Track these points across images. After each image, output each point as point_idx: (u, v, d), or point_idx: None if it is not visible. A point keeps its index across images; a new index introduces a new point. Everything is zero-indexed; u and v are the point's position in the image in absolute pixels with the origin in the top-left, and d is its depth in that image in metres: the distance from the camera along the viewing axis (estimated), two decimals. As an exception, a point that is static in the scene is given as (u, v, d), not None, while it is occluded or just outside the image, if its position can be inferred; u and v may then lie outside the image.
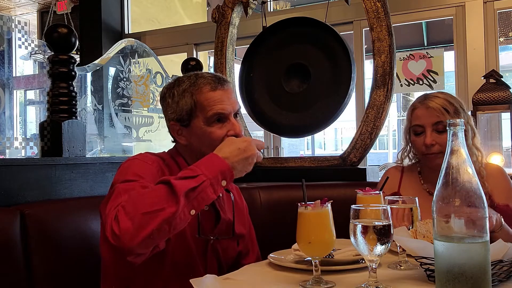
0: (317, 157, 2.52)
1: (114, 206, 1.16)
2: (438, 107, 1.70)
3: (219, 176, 1.20)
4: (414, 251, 1.15)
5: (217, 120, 1.40)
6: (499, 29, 3.82)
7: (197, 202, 1.17)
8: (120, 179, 1.29)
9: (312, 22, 2.51)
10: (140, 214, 1.11)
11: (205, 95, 1.40)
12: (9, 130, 2.03)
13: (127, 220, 1.10)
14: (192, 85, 1.42)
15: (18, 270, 1.40)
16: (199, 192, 1.16)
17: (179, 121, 1.43)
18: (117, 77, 3.04)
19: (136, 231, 1.09)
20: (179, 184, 1.15)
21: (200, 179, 1.17)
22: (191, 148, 1.44)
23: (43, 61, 2.87)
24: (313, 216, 1.15)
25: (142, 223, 1.10)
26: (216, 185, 1.19)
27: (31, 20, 7.71)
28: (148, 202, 1.13)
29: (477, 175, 0.96)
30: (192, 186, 1.15)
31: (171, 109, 1.44)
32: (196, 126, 1.41)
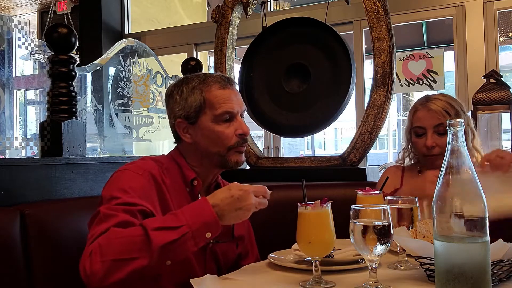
0: (317, 157, 2.52)
1: (93, 238, 1.15)
2: (439, 110, 1.71)
3: (202, 229, 1.14)
4: (414, 251, 1.15)
5: (225, 119, 1.40)
6: (499, 29, 3.82)
7: (174, 255, 1.12)
8: (107, 196, 1.26)
9: (312, 22, 2.51)
10: (110, 260, 1.09)
11: (215, 92, 1.40)
12: (9, 130, 2.03)
13: (98, 262, 1.09)
14: (202, 83, 1.42)
15: (18, 270, 1.40)
16: (179, 245, 1.12)
17: (187, 118, 1.41)
18: (117, 77, 3.04)
19: (104, 276, 1.08)
20: (157, 236, 1.10)
21: (182, 231, 1.12)
22: (196, 147, 1.43)
23: (43, 61, 2.88)
24: (313, 216, 1.15)
25: (111, 269, 1.09)
26: (198, 238, 1.13)
27: (31, 20, 7.71)
28: (122, 248, 1.10)
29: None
30: (171, 239, 1.10)
31: (178, 106, 1.42)
32: (204, 124, 1.40)
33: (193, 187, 1.43)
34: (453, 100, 1.75)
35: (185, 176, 1.42)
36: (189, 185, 1.43)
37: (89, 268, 1.09)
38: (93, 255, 1.10)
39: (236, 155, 1.43)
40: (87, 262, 1.10)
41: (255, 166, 2.58)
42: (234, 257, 1.52)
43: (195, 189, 1.43)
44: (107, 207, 1.22)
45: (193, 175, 1.43)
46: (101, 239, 1.13)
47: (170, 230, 1.11)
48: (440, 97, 1.77)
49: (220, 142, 1.39)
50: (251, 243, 1.63)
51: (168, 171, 1.41)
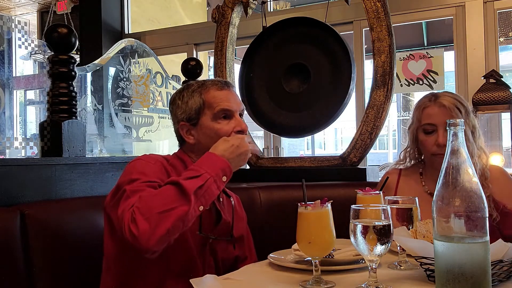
0: (317, 157, 2.51)
1: (128, 208, 1.23)
2: (452, 106, 1.67)
3: (220, 173, 1.30)
4: (414, 251, 1.15)
5: (224, 117, 1.49)
6: (499, 29, 3.82)
7: (204, 199, 1.26)
8: (126, 180, 1.34)
9: (312, 22, 2.51)
10: (155, 214, 1.19)
11: (212, 93, 1.50)
12: (9, 130, 2.03)
13: (143, 221, 1.18)
14: (201, 86, 1.52)
15: (18, 270, 1.40)
16: (206, 189, 1.26)
17: (188, 120, 1.50)
18: (117, 77, 3.04)
19: (153, 230, 1.17)
20: (188, 184, 1.24)
21: (204, 177, 1.27)
22: (199, 146, 1.50)
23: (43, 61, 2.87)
24: (313, 216, 1.15)
25: (158, 223, 1.18)
26: (218, 181, 1.30)
27: (31, 20, 7.71)
28: (161, 202, 1.21)
29: (481, 176, 0.96)
30: (199, 184, 1.25)
31: (180, 110, 1.52)
32: (204, 123, 1.49)
33: None
34: (461, 98, 1.73)
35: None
36: None
37: (137, 230, 1.17)
38: (136, 217, 1.19)
39: None
40: (132, 226, 1.18)
41: (255, 166, 2.58)
42: (232, 258, 1.55)
43: None
44: (131, 186, 1.31)
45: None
46: (137, 204, 1.22)
47: (195, 178, 1.26)
48: (449, 94, 1.73)
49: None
50: (250, 248, 1.65)
51: (173, 167, 1.48)
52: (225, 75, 2.65)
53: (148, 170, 1.38)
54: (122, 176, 1.39)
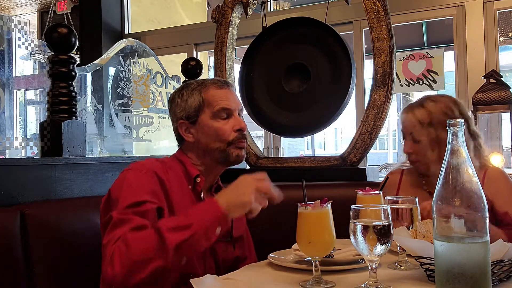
0: (317, 157, 2.51)
1: (111, 243, 1.20)
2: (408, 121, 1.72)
3: (213, 224, 1.21)
4: (414, 251, 1.15)
5: (223, 116, 1.48)
6: (499, 29, 3.82)
7: (189, 252, 1.20)
8: (116, 199, 1.30)
9: (312, 22, 2.51)
10: (132, 261, 1.15)
11: (212, 91, 1.50)
12: (9, 130, 2.03)
13: (120, 265, 1.15)
14: (200, 85, 1.52)
15: (18, 270, 1.40)
16: (192, 243, 1.19)
17: (188, 118, 1.50)
18: (117, 77, 3.04)
19: (128, 277, 1.15)
20: (171, 237, 1.17)
21: (193, 229, 1.18)
22: (198, 145, 1.50)
23: (43, 61, 2.88)
24: (313, 216, 1.15)
25: (132, 270, 1.15)
26: (210, 233, 1.20)
27: (31, 20, 7.71)
28: (140, 250, 1.17)
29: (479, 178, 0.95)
30: (184, 238, 1.17)
31: (179, 108, 1.51)
32: (203, 122, 1.48)
33: (196, 184, 1.48)
34: (435, 110, 1.70)
35: (188, 173, 1.48)
36: (192, 182, 1.48)
37: (111, 272, 1.15)
38: (114, 258, 1.16)
39: (236, 150, 1.49)
40: (109, 266, 1.16)
41: (255, 166, 2.58)
42: (232, 258, 1.54)
43: (198, 186, 1.48)
44: (118, 213, 1.27)
45: (196, 172, 1.49)
46: (119, 243, 1.19)
47: (182, 229, 1.18)
48: (425, 103, 1.72)
49: (219, 137, 1.47)
50: (249, 248, 1.65)
51: (171, 169, 1.46)
52: (225, 75, 2.65)
53: (138, 183, 1.34)
54: (113, 189, 1.35)
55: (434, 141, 1.67)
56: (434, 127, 1.67)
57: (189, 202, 1.44)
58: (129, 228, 1.22)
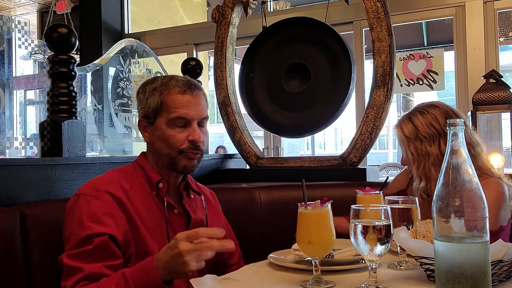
0: (317, 157, 2.52)
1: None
2: (399, 135, 1.75)
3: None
4: (414, 251, 1.15)
5: (180, 124, 1.41)
6: (499, 29, 3.82)
7: None
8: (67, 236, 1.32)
9: (312, 22, 2.51)
10: None
11: (172, 96, 1.41)
12: (9, 130, 2.03)
13: None
14: (164, 85, 1.44)
15: (18, 269, 1.40)
16: None
17: (146, 117, 1.45)
18: (117, 77, 3.04)
19: None
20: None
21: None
22: (152, 147, 1.46)
23: (43, 61, 2.88)
24: (313, 216, 1.15)
25: None
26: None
27: (31, 20, 7.71)
28: None
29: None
30: None
31: (141, 105, 1.46)
32: (159, 126, 1.42)
33: (159, 189, 1.44)
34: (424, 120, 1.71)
35: (150, 179, 1.44)
36: (155, 188, 1.44)
37: None
38: None
39: (185, 160, 1.42)
40: None
41: (255, 166, 2.58)
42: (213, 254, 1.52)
43: (161, 191, 1.44)
44: (68, 256, 1.28)
45: (158, 177, 1.44)
46: None
47: None
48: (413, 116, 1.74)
49: (171, 145, 1.41)
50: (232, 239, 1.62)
51: (133, 177, 1.43)
52: (225, 75, 2.65)
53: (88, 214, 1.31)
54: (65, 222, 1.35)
55: (421, 154, 1.69)
56: (421, 141, 1.68)
57: (155, 208, 1.42)
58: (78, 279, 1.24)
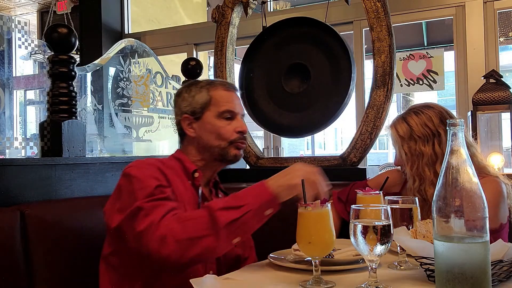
0: (317, 157, 2.51)
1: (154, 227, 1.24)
2: (394, 135, 1.76)
3: (263, 207, 1.26)
4: (414, 251, 1.15)
5: (227, 117, 1.54)
6: (499, 29, 3.82)
7: (241, 231, 1.26)
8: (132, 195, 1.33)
9: (312, 22, 2.51)
10: (184, 239, 1.22)
11: (220, 92, 1.56)
12: (9, 130, 2.03)
13: (173, 243, 1.21)
14: (209, 84, 1.59)
15: (18, 270, 1.40)
16: (242, 222, 1.24)
17: (192, 113, 1.55)
18: (117, 77, 3.04)
19: (181, 255, 1.22)
20: (222, 215, 1.23)
21: (243, 210, 1.24)
22: (198, 141, 1.55)
23: (43, 61, 2.88)
24: (313, 216, 1.15)
25: (186, 247, 1.22)
26: (261, 215, 1.26)
27: (31, 20, 7.71)
28: (192, 228, 1.23)
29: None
30: (235, 217, 1.23)
31: (186, 103, 1.56)
32: (207, 119, 1.53)
33: (194, 179, 1.53)
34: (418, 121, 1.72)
35: (186, 169, 1.52)
36: (191, 177, 1.53)
37: (165, 251, 1.21)
38: (167, 238, 1.21)
39: (235, 149, 1.55)
40: (162, 248, 1.21)
41: (255, 166, 2.58)
42: (233, 257, 1.56)
43: (196, 180, 1.53)
44: (144, 202, 1.30)
45: (194, 167, 1.53)
46: (168, 224, 1.24)
47: (233, 209, 1.24)
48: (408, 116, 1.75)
49: (221, 136, 1.52)
50: (250, 247, 1.67)
51: (170, 167, 1.50)
52: (225, 75, 2.65)
53: (147, 176, 1.37)
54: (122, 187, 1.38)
55: (415, 154, 1.70)
56: (415, 141, 1.69)
57: (190, 196, 1.49)
58: (166, 210, 1.27)
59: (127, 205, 1.32)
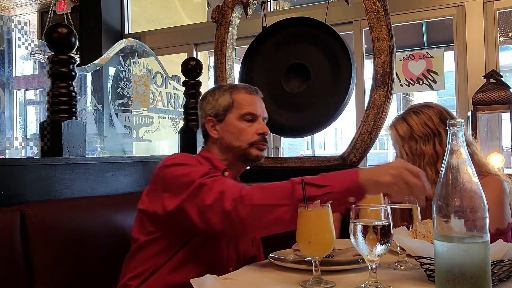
0: (317, 157, 2.52)
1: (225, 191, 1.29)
2: (394, 135, 1.77)
3: (347, 192, 1.23)
4: (414, 251, 1.15)
5: (248, 119, 1.59)
6: (499, 29, 3.81)
7: None
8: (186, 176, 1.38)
9: (312, 22, 2.51)
10: (261, 205, 1.25)
11: (242, 95, 1.62)
12: (9, 130, 2.03)
13: (247, 206, 1.25)
14: (232, 87, 1.65)
15: (18, 270, 1.40)
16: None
17: (216, 116, 1.61)
18: (117, 77, 3.04)
19: (253, 219, 1.24)
20: (300, 188, 1.23)
21: (324, 190, 1.23)
22: (221, 141, 1.60)
23: (43, 61, 2.88)
24: (313, 216, 1.15)
25: (260, 213, 1.24)
26: (342, 200, 1.22)
27: (31, 20, 7.70)
28: (269, 195, 1.26)
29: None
30: (312, 194, 1.22)
31: (210, 105, 1.62)
32: (230, 121, 1.59)
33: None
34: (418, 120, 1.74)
35: (216, 168, 1.56)
36: (222, 175, 1.54)
37: (242, 212, 1.24)
38: (245, 200, 1.25)
39: (256, 150, 1.60)
40: (239, 208, 1.25)
41: (255, 166, 2.58)
42: (251, 257, 1.62)
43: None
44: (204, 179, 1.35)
45: (223, 166, 1.59)
46: (245, 191, 1.28)
47: (315, 187, 1.23)
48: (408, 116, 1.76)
49: (242, 137, 1.57)
50: (259, 248, 1.71)
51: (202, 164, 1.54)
52: (225, 75, 2.65)
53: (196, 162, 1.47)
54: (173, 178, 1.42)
55: (416, 154, 1.70)
56: (415, 141, 1.69)
57: None
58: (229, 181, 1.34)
59: (182, 187, 1.36)
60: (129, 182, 2.03)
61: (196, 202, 1.33)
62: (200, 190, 1.33)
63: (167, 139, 3.38)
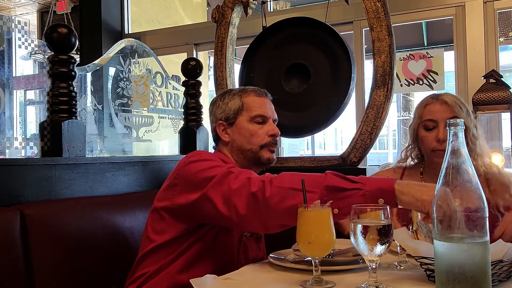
0: (317, 157, 2.52)
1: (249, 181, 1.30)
2: (453, 103, 1.73)
3: (377, 192, 1.20)
4: (414, 251, 1.15)
5: (259, 121, 1.61)
6: (499, 29, 3.81)
7: (340, 203, 1.21)
8: (210, 170, 1.39)
9: (312, 22, 2.51)
10: (287, 188, 1.25)
11: (252, 98, 1.64)
12: (9, 130, 2.02)
13: (276, 187, 1.26)
14: (242, 91, 1.66)
15: (18, 270, 1.40)
16: (346, 196, 1.21)
17: (226, 119, 1.63)
18: (117, 77, 3.04)
19: (280, 200, 1.24)
20: (330, 178, 1.25)
21: (354, 185, 1.22)
22: (232, 144, 1.62)
23: (43, 61, 2.88)
24: (313, 216, 1.15)
25: (286, 195, 1.24)
26: (369, 198, 1.19)
27: (31, 20, 7.71)
28: (298, 181, 1.24)
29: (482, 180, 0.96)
30: (339, 185, 1.22)
31: (220, 110, 1.65)
32: (240, 124, 1.61)
33: None
34: (462, 100, 1.79)
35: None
36: None
37: (268, 192, 1.26)
38: (273, 182, 1.27)
39: (268, 153, 1.61)
40: (266, 188, 1.26)
41: (255, 166, 2.58)
42: (258, 258, 1.62)
43: None
44: (229, 168, 1.38)
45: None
46: (274, 176, 1.30)
47: (345, 180, 1.24)
48: (450, 94, 1.80)
49: (253, 139, 1.59)
50: (264, 251, 1.72)
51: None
52: (225, 75, 2.65)
53: (217, 159, 1.48)
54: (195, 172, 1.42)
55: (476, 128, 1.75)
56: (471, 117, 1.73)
57: None
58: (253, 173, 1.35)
59: (208, 179, 1.37)
60: (129, 182, 2.03)
61: (222, 189, 1.34)
62: (227, 177, 1.35)
63: (167, 139, 3.38)
